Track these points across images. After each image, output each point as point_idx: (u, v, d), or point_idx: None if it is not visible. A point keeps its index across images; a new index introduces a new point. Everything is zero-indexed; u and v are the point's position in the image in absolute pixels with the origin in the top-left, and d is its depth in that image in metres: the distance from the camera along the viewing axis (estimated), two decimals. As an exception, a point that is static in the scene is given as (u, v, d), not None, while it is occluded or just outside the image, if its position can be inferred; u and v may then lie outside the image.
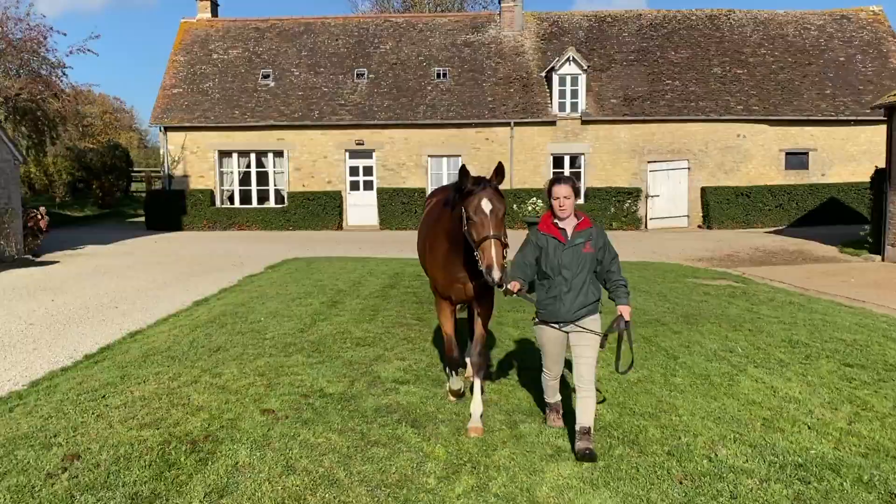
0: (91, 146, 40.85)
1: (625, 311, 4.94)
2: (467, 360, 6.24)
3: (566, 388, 5.75)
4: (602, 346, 5.00)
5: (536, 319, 5.14)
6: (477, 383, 5.41)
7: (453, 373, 5.83)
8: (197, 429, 5.23)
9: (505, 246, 4.70)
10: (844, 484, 4.34)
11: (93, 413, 5.64)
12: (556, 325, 5.00)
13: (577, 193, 5.02)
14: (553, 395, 5.36)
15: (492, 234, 4.59)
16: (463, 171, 4.92)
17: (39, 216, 19.11)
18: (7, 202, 18.04)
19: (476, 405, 5.33)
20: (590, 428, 4.86)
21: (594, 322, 4.99)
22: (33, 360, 7.63)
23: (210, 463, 4.62)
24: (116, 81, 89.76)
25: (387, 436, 5.12)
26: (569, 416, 5.35)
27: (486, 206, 4.67)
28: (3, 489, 4.26)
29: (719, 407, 5.81)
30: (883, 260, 17.45)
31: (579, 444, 4.79)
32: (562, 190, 4.94)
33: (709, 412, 5.69)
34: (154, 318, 9.84)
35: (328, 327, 8.89)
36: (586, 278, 4.94)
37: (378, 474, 4.50)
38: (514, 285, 4.76)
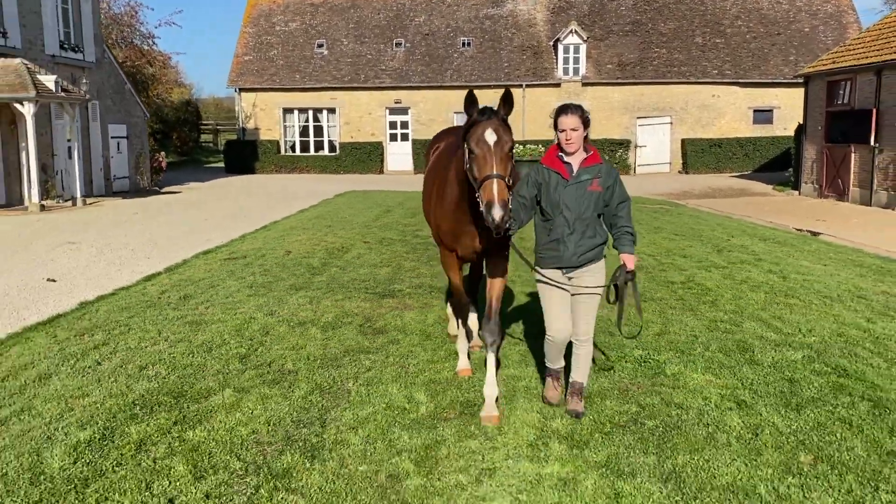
0: (141, 101, 46.42)
1: (629, 260, 4.52)
2: (474, 331, 5.90)
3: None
4: (608, 300, 4.67)
5: (538, 268, 4.65)
6: (491, 359, 4.84)
7: (459, 321, 5.40)
8: (335, 246, 11.42)
9: (510, 188, 4.20)
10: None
11: (284, 242, 11.86)
12: (559, 271, 4.56)
13: (586, 124, 4.51)
14: (556, 360, 4.81)
15: (494, 173, 4.09)
16: (470, 97, 4.35)
17: (161, 158, 25.52)
18: (141, 147, 24.44)
19: (490, 388, 4.74)
20: (582, 385, 4.68)
21: (598, 269, 4.58)
22: (227, 231, 13.85)
23: (347, 253, 10.82)
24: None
25: (423, 248, 11.26)
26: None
27: (491, 136, 4.19)
28: (269, 259, 10.43)
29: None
30: (799, 195, 23.00)
31: (571, 405, 4.64)
32: (569, 121, 4.45)
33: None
34: (277, 217, 16.04)
35: (387, 220, 15.07)
36: (591, 219, 4.49)
37: (422, 257, 10.62)
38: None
